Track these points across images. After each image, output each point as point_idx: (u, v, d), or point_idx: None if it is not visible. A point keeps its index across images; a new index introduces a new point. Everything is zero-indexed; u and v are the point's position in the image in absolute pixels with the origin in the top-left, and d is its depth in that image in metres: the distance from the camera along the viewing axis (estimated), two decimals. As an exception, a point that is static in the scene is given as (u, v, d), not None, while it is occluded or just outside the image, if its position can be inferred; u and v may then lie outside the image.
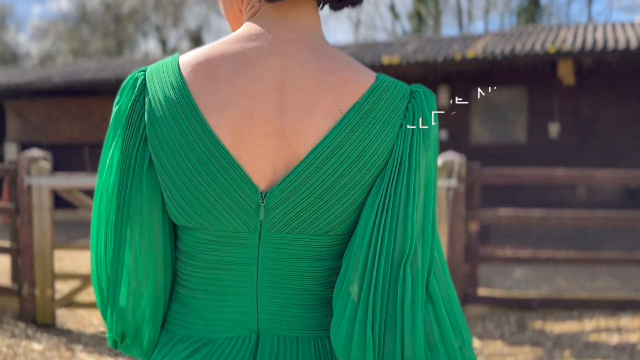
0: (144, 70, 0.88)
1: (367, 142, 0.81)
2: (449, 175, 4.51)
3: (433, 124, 0.85)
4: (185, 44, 30.86)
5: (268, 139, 0.82)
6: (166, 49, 30.12)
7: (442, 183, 4.49)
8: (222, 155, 0.81)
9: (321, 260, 0.86)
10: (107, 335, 0.94)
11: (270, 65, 0.83)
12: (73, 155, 10.58)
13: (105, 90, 10.78)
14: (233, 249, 0.85)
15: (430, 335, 0.82)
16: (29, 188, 4.55)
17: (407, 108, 0.84)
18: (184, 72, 0.84)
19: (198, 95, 0.82)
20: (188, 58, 0.86)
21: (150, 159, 0.85)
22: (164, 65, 0.87)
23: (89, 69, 11.66)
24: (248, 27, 0.87)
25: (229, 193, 0.82)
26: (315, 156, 0.81)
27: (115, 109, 0.88)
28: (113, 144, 0.87)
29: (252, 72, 0.82)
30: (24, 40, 43.54)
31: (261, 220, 0.84)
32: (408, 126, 0.83)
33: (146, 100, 0.85)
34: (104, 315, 0.92)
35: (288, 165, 0.82)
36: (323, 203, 0.82)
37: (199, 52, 0.86)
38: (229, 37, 0.87)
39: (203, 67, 0.83)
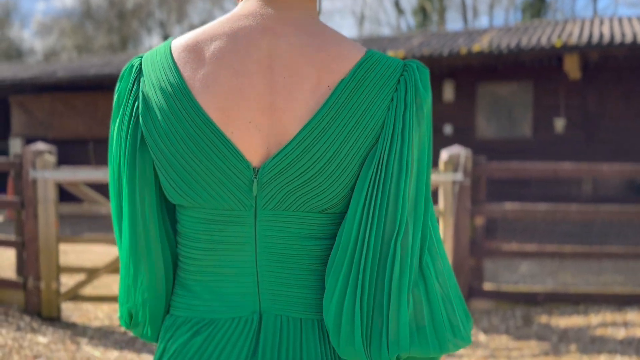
0: (141, 57, 0.90)
1: (357, 116, 0.81)
2: (455, 169, 4.49)
3: (427, 97, 0.85)
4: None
5: (258, 115, 0.82)
6: (170, 45, 30.00)
7: (448, 177, 4.47)
8: (213, 132, 0.82)
9: (320, 239, 0.85)
10: (120, 312, 0.97)
11: (258, 44, 0.84)
12: (78, 150, 10.59)
13: (109, 85, 10.78)
14: (229, 228, 0.85)
15: (419, 316, 0.81)
16: (34, 181, 4.55)
17: (398, 81, 0.83)
18: (174, 54, 0.85)
19: (188, 75, 0.83)
20: (179, 41, 0.87)
21: (142, 140, 0.86)
22: (158, 49, 0.89)
23: (94, 64, 11.67)
24: (240, 7, 0.88)
25: (221, 170, 0.82)
26: (308, 133, 0.81)
27: (115, 96, 0.90)
28: (111, 128, 0.91)
29: (241, 51, 0.83)
30: (28, 37, 43.61)
31: (255, 197, 0.83)
32: (400, 99, 0.82)
33: (140, 83, 0.87)
34: (122, 292, 0.96)
35: (280, 142, 0.82)
36: (319, 179, 0.82)
37: (191, 34, 0.88)
38: (222, 17, 0.88)
39: (192, 48, 0.85)
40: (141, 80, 0.87)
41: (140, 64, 0.89)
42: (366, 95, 0.82)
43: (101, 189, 6.24)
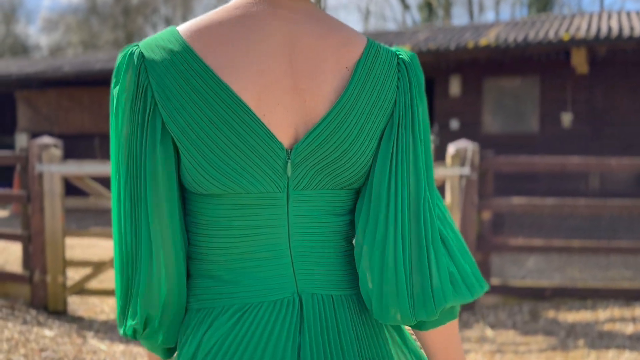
0: (136, 45, 0.85)
1: (375, 95, 0.87)
2: (462, 163, 4.46)
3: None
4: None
5: (285, 97, 0.84)
6: (175, 41, 30.03)
7: (455, 171, 4.45)
8: (248, 115, 0.81)
9: (342, 215, 0.90)
10: (127, 324, 0.90)
11: (273, 29, 0.85)
12: (84, 146, 10.61)
13: (115, 80, 10.79)
14: (264, 211, 0.85)
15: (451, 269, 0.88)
16: (40, 175, 4.55)
17: (399, 63, 0.89)
18: (188, 40, 0.83)
19: (211, 60, 0.82)
20: (189, 27, 0.85)
21: (163, 130, 0.82)
22: (160, 37, 0.85)
23: (99, 59, 11.67)
24: None
25: (257, 153, 0.82)
26: (337, 112, 0.84)
27: (116, 89, 0.85)
28: (119, 123, 0.85)
29: (260, 34, 0.84)
30: (33, 32, 43.66)
31: (288, 178, 0.85)
32: (404, 78, 0.88)
33: (149, 71, 0.82)
34: (125, 301, 0.89)
35: (307, 122, 0.85)
36: (346, 157, 0.85)
37: (198, 20, 0.86)
38: (226, 5, 0.88)
39: (208, 32, 0.84)
40: (148, 69, 0.82)
41: (141, 53, 0.84)
42: (379, 75, 0.87)
43: (107, 182, 6.26)
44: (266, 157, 0.83)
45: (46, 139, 4.67)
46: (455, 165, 4.47)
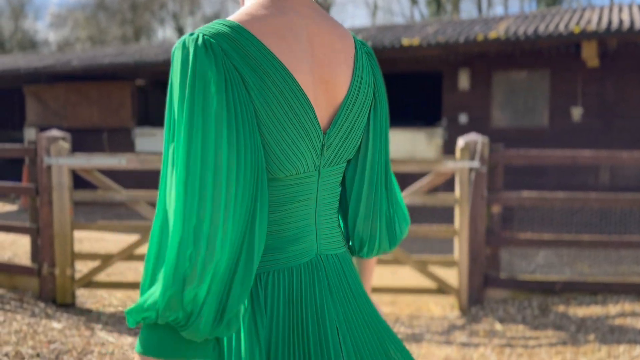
0: (198, 34, 0.87)
1: (365, 79, 1.03)
2: (472, 157, 4.43)
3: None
4: (202, 30, 30.74)
5: (318, 88, 0.96)
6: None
7: (464, 164, 4.41)
8: (307, 104, 0.93)
9: (341, 184, 1.08)
10: (163, 315, 0.81)
11: (300, 25, 0.96)
12: (92, 140, 10.62)
13: (123, 74, 10.79)
14: (304, 188, 0.98)
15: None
16: (49, 168, 4.55)
17: (367, 52, 1.08)
18: (258, 37, 0.89)
19: (280, 56, 0.90)
20: (249, 22, 0.91)
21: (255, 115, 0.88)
22: (223, 29, 0.88)
23: (108, 53, 11.68)
24: None
25: (312, 142, 0.95)
26: (349, 98, 1.01)
27: (192, 73, 0.83)
28: (208, 106, 0.83)
29: (296, 33, 0.94)
30: (42, 28, 43.77)
31: (323, 157, 0.99)
32: (374, 64, 1.09)
33: (232, 61, 0.86)
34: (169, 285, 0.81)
35: (332, 109, 0.99)
36: (352, 135, 1.03)
37: (246, 14, 0.92)
38: (256, 4, 0.95)
39: (270, 31, 0.91)
40: (228, 55, 0.86)
41: (213, 40, 0.86)
42: (365, 62, 1.05)
43: (114, 176, 6.24)
44: (316, 144, 0.96)
45: (54, 132, 4.66)
46: (464, 158, 4.43)
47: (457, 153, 4.47)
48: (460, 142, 4.49)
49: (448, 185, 6.59)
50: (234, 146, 0.83)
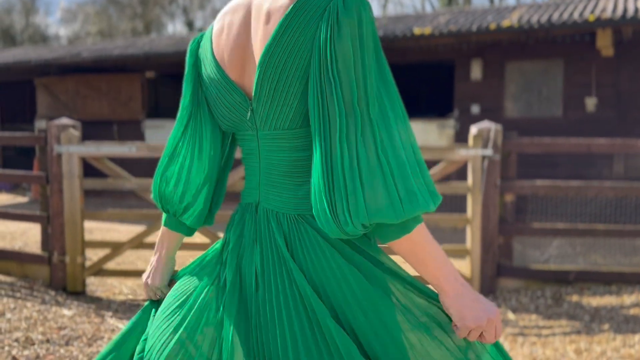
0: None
1: (292, 45, 1.05)
2: (485, 145, 4.37)
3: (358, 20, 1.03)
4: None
5: (244, 57, 1.16)
6: (193, 31, 30.10)
7: (477, 152, 4.35)
8: (224, 79, 1.18)
9: (288, 150, 1.14)
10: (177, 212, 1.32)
11: (243, 3, 1.17)
12: (102, 132, 10.63)
13: (132, 67, 10.78)
14: (249, 144, 1.21)
15: None
16: (59, 156, 4.54)
17: (324, 11, 1.03)
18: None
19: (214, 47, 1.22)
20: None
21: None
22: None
23: (117, 45, 11.68)
24: None
25: (237, 108, 1.18)
26: (262, 60, 1.07)
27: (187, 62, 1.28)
28: (185, 87, 1.29)
29: (236, 15, 1.18)
30: (52, 23, 43.97)
31: (254, 121, 1.16)
32: (321, 27, 1.03)
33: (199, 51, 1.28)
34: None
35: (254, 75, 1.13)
36: (279, 101, 1.09)
37: None
38: None
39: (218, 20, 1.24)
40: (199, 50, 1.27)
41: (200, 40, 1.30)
42: (297, 27, 1.05)
43: (125, 164, 6.22)
44: (242, 111, 1.17)
45: (65, 120, 4.65)
46: (477, 146, 4.38)
47: (470, 141, 4.41)
48: (473, 129, 4.43)
49: (461, 174, 6.53)
50: None
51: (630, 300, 4.28)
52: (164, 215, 1.35)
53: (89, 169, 5.05)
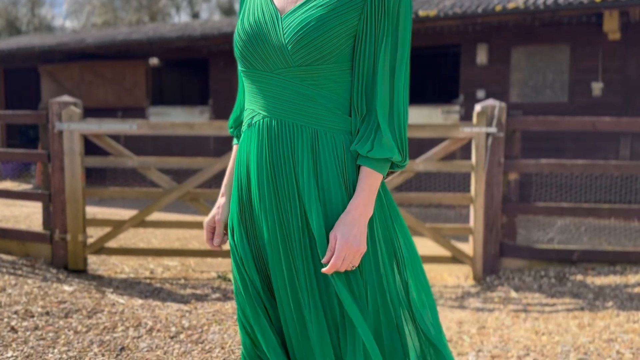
0: None
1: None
2: (489, 122, 4.32)
3: None
4: (217, 16, 30.75)
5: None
6: (197, 19, 30.00)
7: (481, 129, 4.31)
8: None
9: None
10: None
11: None
12: (106, 119, 10.61)
13: (137, 52, 10.76)
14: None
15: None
16: (60, 133, 4.52)
17: None
18: None
19: None
20: None
21: None
22: None
23: (121, 32, 11.66)
24: None
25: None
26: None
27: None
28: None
29: None
30: (58, 15, 43.94)
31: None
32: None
33: None
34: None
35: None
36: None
37: None
38: None
39: None
40: None
41: None
42: None
43: (127, 142, 6.19)
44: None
45: (66, 98, 4.63)
46: (481, 124, 4.33)
47: (474, 118, 4.37)
48: (477, 107, 4.38)
49: (465, 154, 6.48)
50: None
51: (635, 279, 4.23)
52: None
53: (93, 149, 5.03)
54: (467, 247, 4.67)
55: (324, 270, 1.28)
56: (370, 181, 1.30)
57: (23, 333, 3.06)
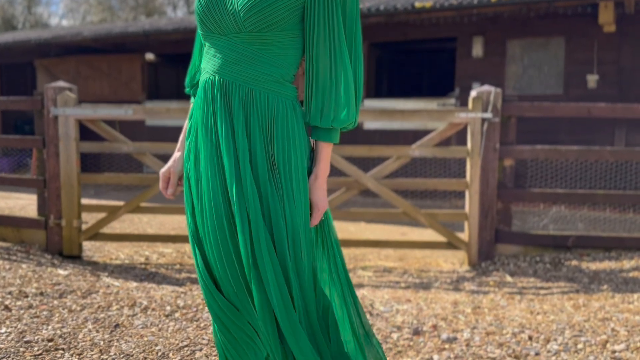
0: None
1: None
2: (484, 108, 4.33)
3: None
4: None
5: None
6: (193, 15, 29.96)
7: (477, 114, 4.31)
8: None
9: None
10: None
11: None
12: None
13: (133, 46, 10.74)
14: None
15: None
16: (55, 119, 4.51)
17: None
18: None
19: None
20: None
21: None
22: None
23: (118, 25, 11.64)
24: None
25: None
26: None
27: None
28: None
29: None
30: (55, 14, 43.83)
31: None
32: None
33: None
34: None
35: None
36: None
37: None
38: None
39: None
40: None
41: None
42: None
43: (122, 133, 6.13)
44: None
45: (61, 83, 4.62)
46: (477, 109, 4.34)
47: (470, 104, 4.37)
48: (473, 92, 4.39)
49: (461, 140, 6.50)
50: None
51: (630, 264, 4.24)
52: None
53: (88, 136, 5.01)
54: (462, 236, 4.68)
55: (312, 225, 1.52)
56: (326, 149, 1.52)
57: (17, 311, 3.05)
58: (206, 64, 1.53)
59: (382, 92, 10.89)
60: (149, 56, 11.04)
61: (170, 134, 9.67)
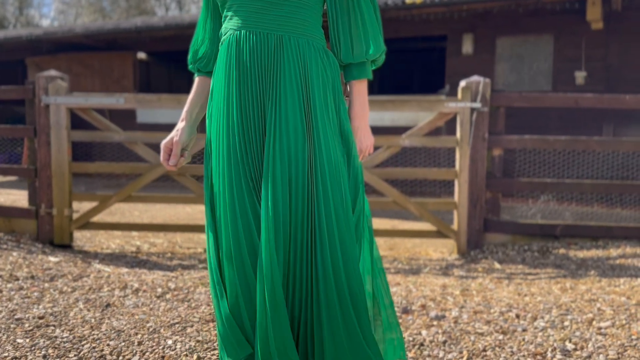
0: None
1: None
2: (473, 98, 4.38)
3: None
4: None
5: None
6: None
7: (466, 104, 4.36)
8: None
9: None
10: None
11: None
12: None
13: (125, 43, 10.74)
14: None
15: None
16: (47, 107, 4.51)
17: None
18: None
19: None
20: None
21: None
22: None
23: (110, 22, 11.63)
24: None
25: None
26: None
27: None
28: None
29: None
30: (46, 15, 43.72)
31: None
32: None
33: None
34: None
35: None
36: None
37: None
38: None
39: None
40: None
41: None
42: None
43: (113, 117, 6.12)
44: None
45: (52, 72, 4.63)
46: (466, 99, 4.38)
47: (459, 93, 4.42)
48: (462, 82, 4.44)
49: (451, 130, 6.54)
50: None
51: (617, 252, 4.30)
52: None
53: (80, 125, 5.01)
54: (451, 226, 4.72)
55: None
56: (362, 88, 1.54)
57: (7, 292, 3.06)
58: (227, 23, 1.50)
59: (374, 90, 10.95)
60: (141, 55, 11.05)
61: (162, 129, 9.67)
